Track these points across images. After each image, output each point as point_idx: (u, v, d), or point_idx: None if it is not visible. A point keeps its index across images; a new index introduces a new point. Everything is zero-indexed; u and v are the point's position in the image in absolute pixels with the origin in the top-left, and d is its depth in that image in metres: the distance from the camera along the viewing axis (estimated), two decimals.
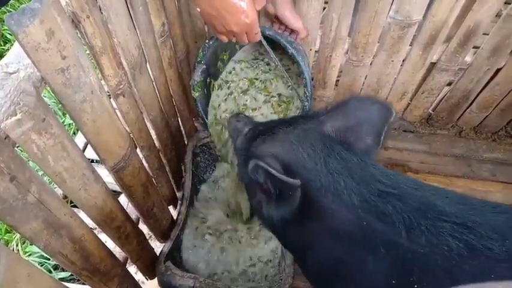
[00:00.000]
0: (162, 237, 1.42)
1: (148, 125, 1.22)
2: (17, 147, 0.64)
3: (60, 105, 0.97)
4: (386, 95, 1.75)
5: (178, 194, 1.68)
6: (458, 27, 1.41)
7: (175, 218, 1.49)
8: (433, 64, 1.60)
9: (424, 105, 1.80)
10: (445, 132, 1.89)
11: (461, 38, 1.45)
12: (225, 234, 1.46)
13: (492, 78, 1.62)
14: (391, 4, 1.33)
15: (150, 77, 1.17)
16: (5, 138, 0.61)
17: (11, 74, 0.63)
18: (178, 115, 1.53)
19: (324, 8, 1.42)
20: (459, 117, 1.85)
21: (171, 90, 1.38)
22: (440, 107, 1.81)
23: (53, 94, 0.72)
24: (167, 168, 1.47)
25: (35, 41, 0.60)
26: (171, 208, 1.60)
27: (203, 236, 1.44)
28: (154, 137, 1.29)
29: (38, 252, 1.65)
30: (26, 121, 0.61)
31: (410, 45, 1.51)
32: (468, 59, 1.57)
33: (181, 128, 1.62)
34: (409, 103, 1.83)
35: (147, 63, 1.14)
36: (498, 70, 1.58)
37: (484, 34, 1.45)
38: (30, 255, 1.65)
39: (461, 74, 1.63)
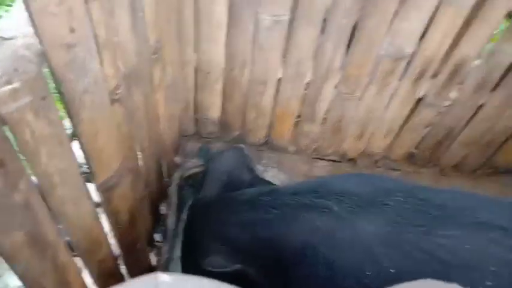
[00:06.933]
0: None
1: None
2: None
3: None
4: (372, 132, 1.73)
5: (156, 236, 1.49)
6: (446, 62, 1.45)
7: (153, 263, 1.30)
8: (418, 100, 1.62)
9: (408, 143, 1.80)
10: (428, 171, 1.89)
11: (448, 74, 1.48)
12: None
13: (473, 116, 1.66)
14: (385, 35, 1.35)
15: (143, 93, 1.06)
16: None
17: (6, 39, 0.51)
18: (161, 146, 1.40)
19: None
20: (440, 156, 1.86)
21: (159, 112, 1.27)
22: (423, 145, 1.82)
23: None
24: (147, 202, 1.31)
25: (43, 1, 0.49)
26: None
27: None
28: (140, 163, 1.15)
29: None
30: (23, 93, 0.48)
31: (399, 80, 1.52)
32: (452, 95, 1.60)
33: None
34: (393, 141, 1.82)
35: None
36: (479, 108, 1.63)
37: None
38: None
39: (445, 110, 1.65)
